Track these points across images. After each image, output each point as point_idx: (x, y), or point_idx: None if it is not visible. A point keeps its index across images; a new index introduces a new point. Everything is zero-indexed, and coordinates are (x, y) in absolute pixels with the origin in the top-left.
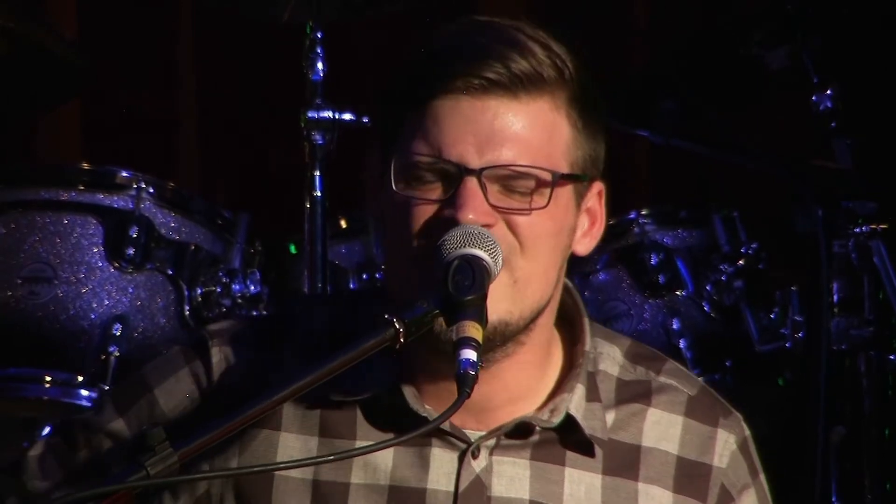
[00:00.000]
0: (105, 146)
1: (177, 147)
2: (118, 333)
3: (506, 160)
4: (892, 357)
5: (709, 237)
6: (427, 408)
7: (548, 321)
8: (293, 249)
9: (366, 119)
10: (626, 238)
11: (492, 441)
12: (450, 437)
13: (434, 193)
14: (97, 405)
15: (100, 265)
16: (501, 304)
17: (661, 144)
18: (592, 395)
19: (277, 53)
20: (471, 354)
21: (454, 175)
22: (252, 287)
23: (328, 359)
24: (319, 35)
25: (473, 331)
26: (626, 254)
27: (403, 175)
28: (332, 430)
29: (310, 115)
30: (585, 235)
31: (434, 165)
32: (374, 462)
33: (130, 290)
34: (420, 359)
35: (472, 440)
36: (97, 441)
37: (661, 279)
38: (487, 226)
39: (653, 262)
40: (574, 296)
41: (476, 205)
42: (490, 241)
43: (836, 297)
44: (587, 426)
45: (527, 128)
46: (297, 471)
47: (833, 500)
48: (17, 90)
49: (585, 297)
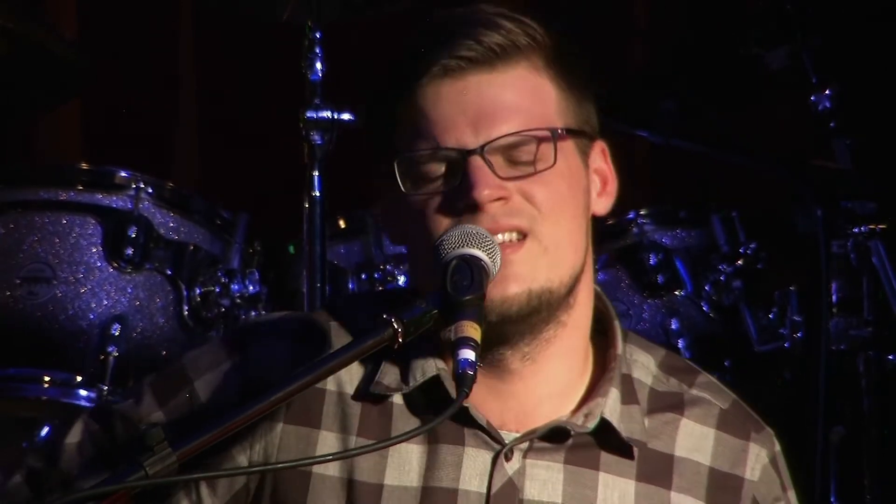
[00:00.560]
0: (105, 146)
1: (176, 147)
2: (117, 333)
3: (502, 131)
4: (892, 357)
5: (708, 237)
6: (467, 402)
7: (586, 300)
8: (292, 249)
9: None
10: (625, 238)
11: (525, 444)
12: (484, 437)
13: (443, 184)
14: (136, 395)
15: (98, 265)
16: (540, 273)
17: (661, 144)
18: (630, 398)
19: (277, 53)
20: (469, 354)
21: (457, 160)
22: (251, 287)
23: (328, 358)
24: (318, 35)
25: (472, 331)
26: (625, 254)
27: (409, 175)
28: (371, 429)
29: (308, 115)
30: (601, 195)
31: (435, 156)
32: (408, 463)
33: (129, 291)
34: None
35: (507, 442)
36: (136, 433)
37: (660, 279)
38: (503, 199)
39: (652, 262)
40: (605, 301)
41: (487, 180)
42: (489, 241)
43: (836, 298)
44: (625, 429)
45: (513, 96)
46: (335, 470)
47: (832, 500)
48: (17, 90)
49: None
